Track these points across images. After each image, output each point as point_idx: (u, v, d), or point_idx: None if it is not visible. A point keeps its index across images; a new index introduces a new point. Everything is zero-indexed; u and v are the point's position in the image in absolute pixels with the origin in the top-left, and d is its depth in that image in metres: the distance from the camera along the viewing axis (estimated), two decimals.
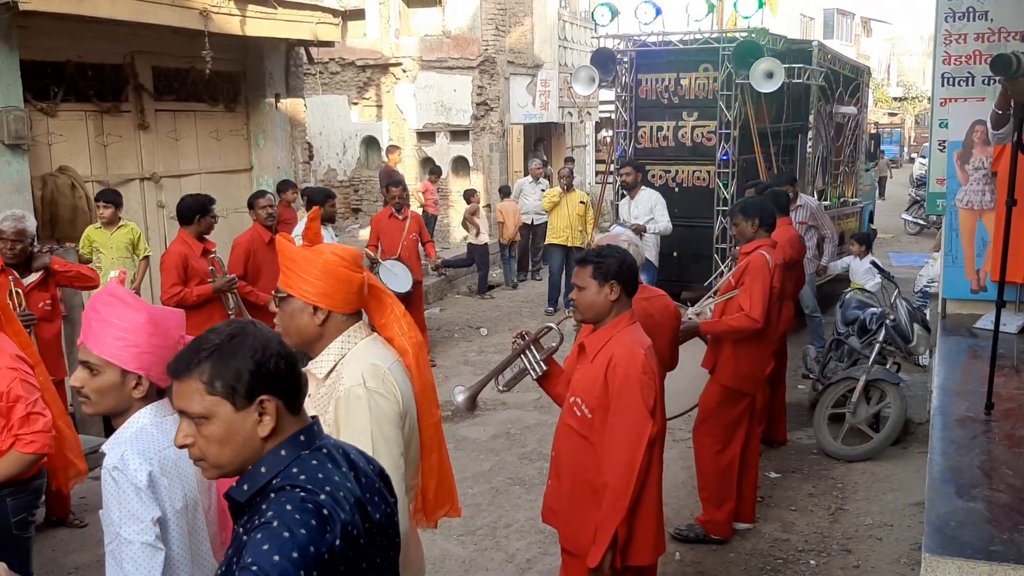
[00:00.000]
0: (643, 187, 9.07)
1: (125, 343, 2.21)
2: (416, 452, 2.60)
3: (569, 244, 11.05)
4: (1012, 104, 4.11)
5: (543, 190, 12.75)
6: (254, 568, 1.55)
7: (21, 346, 3.62)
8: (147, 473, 2.14)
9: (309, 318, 2.45)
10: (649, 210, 8.93)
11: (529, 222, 13.21)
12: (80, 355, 2.26)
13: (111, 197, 7.05)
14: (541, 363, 3.51)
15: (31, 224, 5.38)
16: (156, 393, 2.31)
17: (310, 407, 2.47)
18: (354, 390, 2.37)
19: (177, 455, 2.23)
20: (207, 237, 6.30)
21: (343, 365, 2.45)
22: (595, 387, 3.21)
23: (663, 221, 8.93)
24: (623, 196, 9.43)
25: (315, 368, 2.48)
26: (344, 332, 2.49)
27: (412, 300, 8.68)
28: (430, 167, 14.61)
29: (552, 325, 3.69)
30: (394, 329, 2.60)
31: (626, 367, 3.13)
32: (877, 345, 6.52)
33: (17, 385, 3.24)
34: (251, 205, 7.02)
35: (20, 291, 5.09)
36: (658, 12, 9.60)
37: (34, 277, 5.35)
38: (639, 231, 8.48)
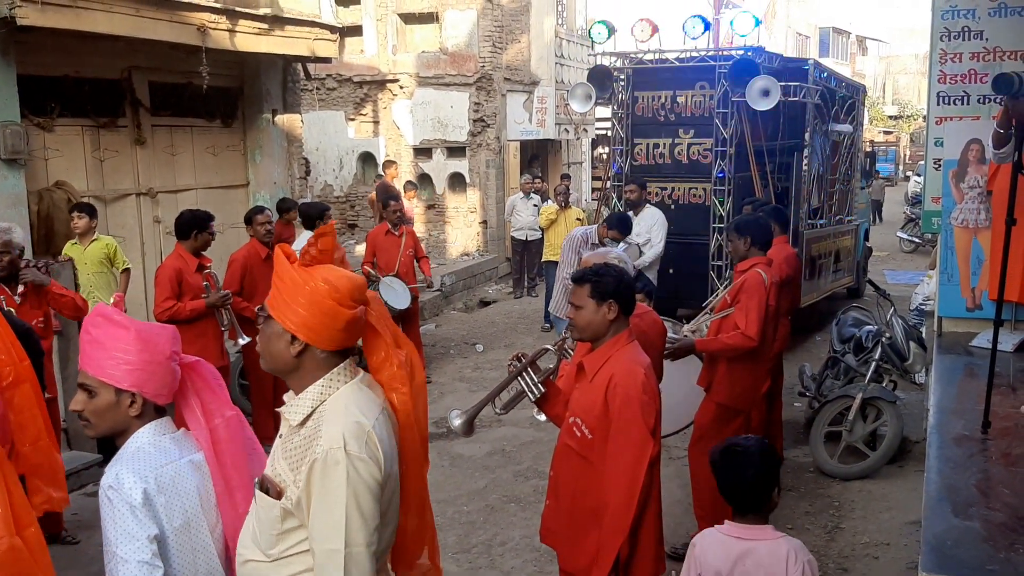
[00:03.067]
0: (647, 205, 9.04)
1: (115, 361, 2.21)
2: (396, 514, 2.29)
3: None
4: (1013, 124, 4.10)
5: (535, 206, 12.75)
6: None
7: (4, 364, 3.55)
8: (142, 491, 2.14)
9: (285, 346, 2.18)
10: (648, 229, 8.88)
11: (523, 238, 13.18)
12: (79, 379, 2.27)
13: (86, 208, 7.02)
14: (539, 385, 3.45)
15: (17, 236, 5.35)
16: (155, 411, 2.31)
17: (279, 454, 2.23)
18: (333, 454, 2.07)
19: (175, 473, 2.23)
20: (203, 253, 6.30)
21: (322, 414, 2.16)
22: (595, 407, 3.19)
23: (657, 246, 8.84)
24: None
25: (289, 413, 2.21)
26: (326, 373, 2.21)
27: (408, 317, 8.68)
28: (406, 180, 13.92)
29: (549, 347, 3.67)
30: (390, 374, 2.30)
31: (626, 387, 3.12)
32: (873, 363, 6.53)
33: None
34: (249, 221, 7.01)
35: (12, 310, 5.03)
36: (655, 30, 9.65)
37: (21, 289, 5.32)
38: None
